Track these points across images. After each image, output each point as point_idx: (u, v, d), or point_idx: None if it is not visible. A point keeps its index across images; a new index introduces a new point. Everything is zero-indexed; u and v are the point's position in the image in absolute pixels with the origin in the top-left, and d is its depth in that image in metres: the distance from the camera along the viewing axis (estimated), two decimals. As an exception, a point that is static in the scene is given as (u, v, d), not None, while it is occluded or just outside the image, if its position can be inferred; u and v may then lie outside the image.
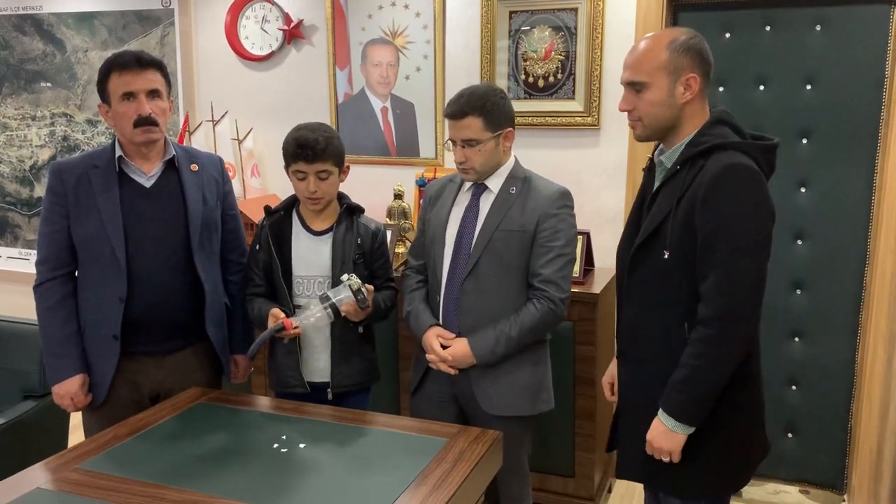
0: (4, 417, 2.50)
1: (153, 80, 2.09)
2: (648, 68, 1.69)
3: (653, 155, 1.85)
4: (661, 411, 1.72)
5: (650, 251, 1.74)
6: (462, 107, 2.04)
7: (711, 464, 1.74)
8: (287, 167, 2.20)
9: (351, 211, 2.26)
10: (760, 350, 1.79)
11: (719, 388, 1.67)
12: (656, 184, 1.78)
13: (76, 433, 2.37)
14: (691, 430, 1.70)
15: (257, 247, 2.26)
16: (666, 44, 1.69)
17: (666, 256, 1.69)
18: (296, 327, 2.04)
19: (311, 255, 2.22)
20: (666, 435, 1.71)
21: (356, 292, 2.03)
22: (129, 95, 2.07)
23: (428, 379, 2.22)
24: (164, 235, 2.14)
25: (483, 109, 2.03)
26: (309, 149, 2.11)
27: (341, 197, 2.28)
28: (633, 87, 1.73)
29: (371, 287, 2.10)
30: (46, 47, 4.06)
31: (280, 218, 2.26)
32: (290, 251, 2.23)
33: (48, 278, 2.14)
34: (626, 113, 1.78)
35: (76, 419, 2.32)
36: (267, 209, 2.28)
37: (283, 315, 2.08)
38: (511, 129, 2.11)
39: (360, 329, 2.24)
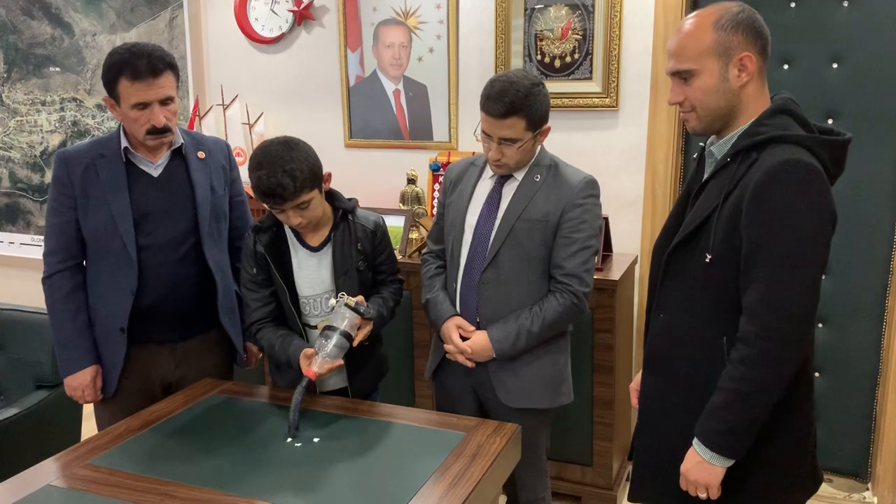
0: (18, 407, 2.50)
1: (166, 86, 1.99)
2: (694, 53, 1.52)
3: (704, 143, 1.67)
4: (696, 440, 1.55)
5: (690, 252, 1.57)
6: (507, 107, 1.91)
7: (748, 497, 1.57)
8: None
9: (345, 213, 2.07)
10: (813, 369, 1.61)
11: (763, 416, 1.49)
12: (705, 176, 1.61)
13: (90, 421, 2.36)
14: (730, 462, 1.52)
15: (254, 270, 2.06)
16: (711, 23, 1.51)
17: (708, 260, 1.52)
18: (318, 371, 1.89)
19: (312, 272, 2.06)
20: (701, 467, 1.53)
21: (355, 308, 1.91)
22: (141, 105, 1.98)
23: (445, 369, 2.18)
24: (174, 226, 2.10)
25: (529, 110, 1.92)
26: (277, 196, 1.90)
27: (332, 197, 2.09)
28: (681, 76, 1.55)
29: (360, 297, 1.98)
30: (55, 31, 4.01)
31: (273, 235, 2.07)
32: (292, 272, 2.06)
33: (57, 270, 2.11)
34: (676, 105, 1.59)
35: (89, 408, 2.31)
36: (255, 227, 2.08)
37: (310, 353, 1.93)
38: (548, 124, 2.01)
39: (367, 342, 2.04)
